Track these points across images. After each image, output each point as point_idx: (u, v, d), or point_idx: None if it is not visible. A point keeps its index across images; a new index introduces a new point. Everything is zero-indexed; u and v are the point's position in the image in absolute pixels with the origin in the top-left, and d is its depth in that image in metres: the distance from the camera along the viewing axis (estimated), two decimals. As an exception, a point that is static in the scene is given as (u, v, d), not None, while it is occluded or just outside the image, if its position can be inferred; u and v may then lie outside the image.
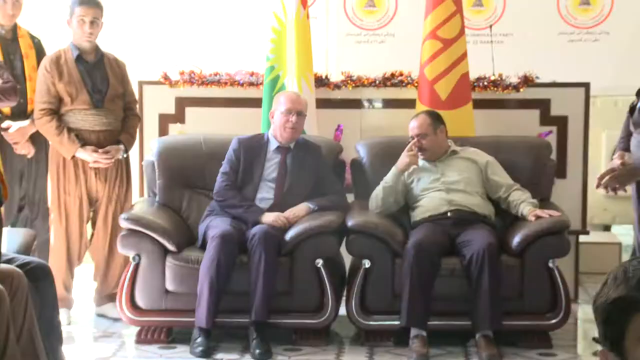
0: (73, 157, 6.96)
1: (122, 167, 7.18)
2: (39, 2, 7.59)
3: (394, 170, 6.72)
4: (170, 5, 8.96)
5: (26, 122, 7.01)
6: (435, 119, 6.87)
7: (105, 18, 7.17)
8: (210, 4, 8.94)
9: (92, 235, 7.27)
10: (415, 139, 6.73)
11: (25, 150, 7.07)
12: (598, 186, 5.26)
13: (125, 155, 7.15)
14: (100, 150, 6.97)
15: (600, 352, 2.01)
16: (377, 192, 6.77)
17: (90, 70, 7.04)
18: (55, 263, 6.56)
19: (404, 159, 6.64)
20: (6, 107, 6.85)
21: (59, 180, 7.05)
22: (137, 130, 7.31)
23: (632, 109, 5.22)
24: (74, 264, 7.15)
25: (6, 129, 6.86)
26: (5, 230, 4.86)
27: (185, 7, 8.95)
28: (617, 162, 5.15)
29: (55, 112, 6.94)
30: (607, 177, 5.17)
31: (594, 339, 6.42)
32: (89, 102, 6.98)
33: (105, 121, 7.03)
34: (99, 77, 7.06)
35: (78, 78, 6.97)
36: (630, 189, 5.26)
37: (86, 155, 6.94)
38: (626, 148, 5.24)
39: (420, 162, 6.88)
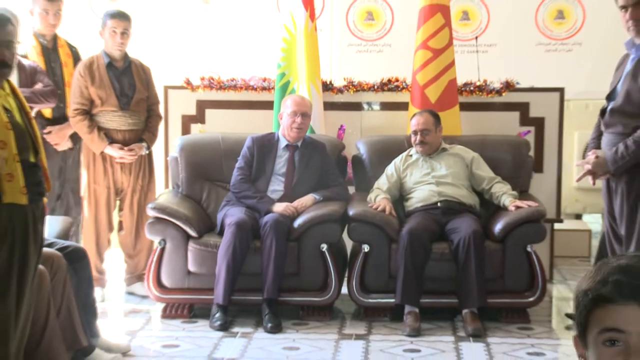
0: (102, 152, 6.98)
1: (145, 162, 7.19)
2: (76, 14, 7.59)
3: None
4: (192, 18, 8.96)
5: (65, 125, 7.03)
6: (437, 118, 6.88)
7: (136, 29, 7.18)
8: (227, 17, 8.94)
9: (120, 222, 7.29)
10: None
11: (65, 146, 7.10)
12: (580, 179, 5.25)
13: (147, 152, 7.16)
14: (125, 148, 6.99)
15: (573, 337, 1.98)
16: (375, 195, 6.80)
17: (119, 76, 7.04)
18: (86, 246, 6.57)
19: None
20: (47, 109, 6.86)
21: (90, 173, 7.08)
22: (159, 129, 7.29)
23: (603, 112, 5.20)
24: (104, 247, 7.17)
25: (48, 133, 6.88)
26: (46, 217, 4.86)
27: (206, 20, 8.96)
28: (591, 157, 5.13)
29: (87, 112, 6.95)
30: (584, 174, 5.18)
31: (567, 315, 6.44)
32: (117, 104, 6.99)
33: (130, 122, 7.03)
34: (126, 82, 7.06)
35: (108, 83, 6.97)
36: (601, 182, 5.25)
37: (113, 151, 6.96)
38: (597, 146, 5.22)
39: (413, 157, 6.90)
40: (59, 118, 7.04)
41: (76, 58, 7.24)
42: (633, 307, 1.83)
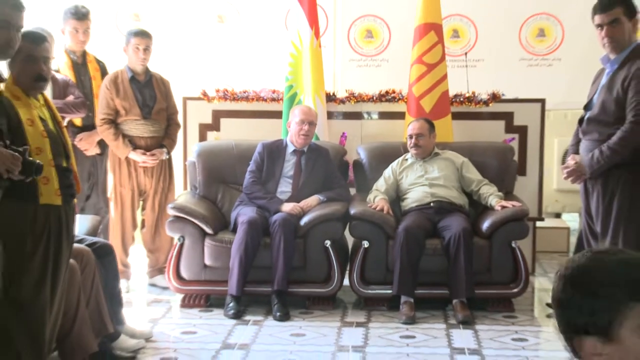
0: (126, 157, 7.00)
1: (166, 166, 7.19)
2: (103, 32, 7.61)
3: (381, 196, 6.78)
4: (208, 35, 8.96)
5: (93, 132, 7.05)
6: (431, 125, 6.90)
7: (157, 46, 7.19)
8: (240, 35, 8.94)
9: (143, 220, 7.31)
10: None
11: (93, 152, 7.12)
12: (566, 179, 5.26)
13: (167, 156, 7.16)
14: (147, 153, 7.00)
15: (575, 340, 1.90)
16: (373, 195, 6.80)
17: (141, 89, 7.05)
18: (112, 242, 6.58)
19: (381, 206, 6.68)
20: (77, 118, 6.87)
21: (116, 176, 7.09)
22: (178, 136, 7.29)
23: (581, 121, 5.21)
24: (128, 243, 7.17)
25: (79, 140, 6.90)
26: (76, 216, 4.87)
27: (221, 37, 8.96)
28: (571, 162, 5.14)
29: (113, 121, 6.96)
30: (567, 178, 5.19)
31: (547, 304, 6.44)
32: (140, 114, 7.00)
33: (152, 129, 7.04)
34: (148, 94, 7.06)
35: (131, 95, 6.98)
36: (578, 185, 5.26)
37: (136, 156, 6.98)
38: (576, 152, 5.23)
39: (409, 161, 6.91)
40: (88, 126, 7.05)
41: (103, 72, 7.25)
42: None
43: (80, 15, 7.02)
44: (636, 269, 1.88)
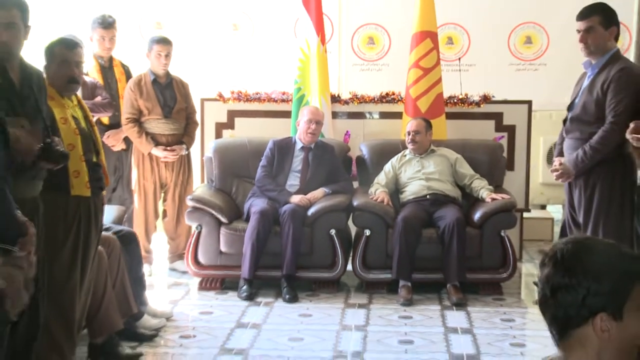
0: (149, 153, 7.01)
1: (185, 161, 7.18)
2: (128, 38, 7.61)
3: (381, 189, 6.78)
4: (224, 42, 8.95)
5: (119, 130, 7.07)
6: (428, 123, 6.90)
7: (177, 51, 7.20)
8: (253, 41, 8.93)
9: (164, 210, 7.32)
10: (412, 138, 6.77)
11: (119, 148, 7.13)
12: (557, 179, 5.25)
13: (186, 152, 7.15)
14: (168, 149, 7.00)
15: (598, 318, 1.88)
16: (375, 188, 6.80)
17: (162, 90, 7.05)
18: (136, 230, 6.59)
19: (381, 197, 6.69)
20: (105, 117, 6.88)
21: (140, 170, 7.09)
22: (196, 133, 7.28)
23: (565, 121, 5.21)
24: (151, 231, 7.17)
25: (107, 138, 6.92)
26: (104, 207, 4.89)
27: (235, 43, 8.95)
28: (557, 164, 5.14)
29: (137, 120, 6.96)
30: (557, 178, 5.19)
31: (534, 283, 6.45)
32: (161, 113, 7.00)
33: (172, 127, 7.04)
34: (168, 95, 7.06)
35: (153, 96, 6.99)
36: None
37: (158, 152, 6.98)
38: (561, 150, 5.23)
39: (407, 157, 6.90)
40: (115, 124, 7.05)
41: (128, 75, 7.26)
42: None
43: (107, 24, 7.02)
44: (626, 251, 1.91)
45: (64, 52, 4.56)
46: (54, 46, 4.59)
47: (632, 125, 4.67)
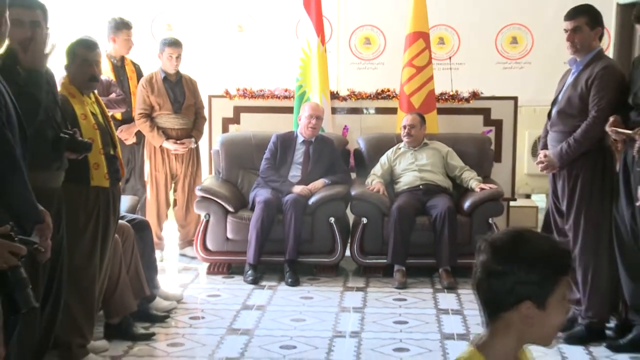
0: (160, 146, 6.99)
1: (194, 153, 7.18)
2: (140, 39, 7.58)
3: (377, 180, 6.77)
4: (230, 42, 8.93)
5: (132, 125, 7.05)
6: (422, 118, 6.90)
7: (186, 51, 7.19)
8: (257, 41, 8.91)
9: (174, 200, 7.31)
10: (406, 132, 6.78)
11: (132, 141, 7.12)
12: (542, 171, 5.24)
13: (195, 145, 7.15)
14: (178, 142, 6.99)
15: (524, 304, 1.92)
16: (371, 179, 6.79)
17: (172, 87, 7.04)
18: (148, 219, 6.59)
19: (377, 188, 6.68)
20: (118, 113, 6.86)
21: (152, 162, 7.09)
22: (204, 128, 7.27)
23: (549, 115, 5.19)
24: (162, 219, 7.17)
25: (120, 132, 6.90)
26: (121, 197, 4.89)
27: (241, 43, 8.93)
28: (542, 157, 5.12)
29: (149, 115, 6.96)
30: (542, 170, 5.17)
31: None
32: (171, 109, 6.99)
33: (182, 122, 7.03)
34: (178, 92, 7.05)
35: (164, 93, 6.98)
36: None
37: (169, 145, 6.98)
38: (546, 143, 5.21)
39: (401, 150, 6.89)
40: (127, 119, 7.04)
41: (139, 73, 7.24)
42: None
43: (130, 26, 7.11)
44: (557, 243, 1.96)
45: (85, 53, 4.57)
46: (75, 47, 4.60)
47: (611, 119, 4.69)
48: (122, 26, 7.04)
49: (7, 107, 3.07)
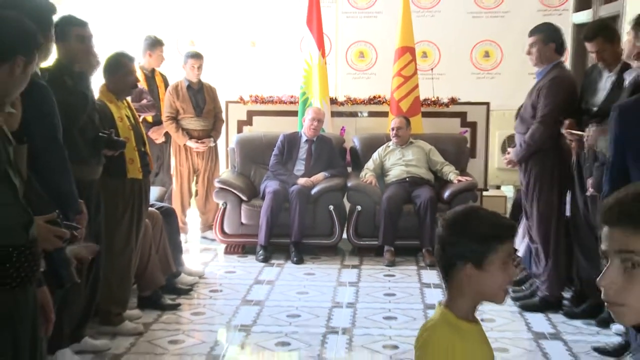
0: (184, 145, 7.01)
1: (213, 151, 7.17)
2: (167, 53, 7.60)
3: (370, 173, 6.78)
4: (244, 55, 8.91)
5: (160, 126, 7.06)
6: (407, 120, 6.91)
7: (207, 62, 7.21)
8: (267, 54, 8.90)
9: (196, 190, 7.33)
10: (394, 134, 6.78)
11: (160, 140, 7.13)
12: (507, 165, 5.27)
13: (214, 144, 7.16)
14: (199, 141, 7.01)
15: (463, 266, 2.01)
16: (364, 173, 6.81)
17: (195, 94, 7.04)
18: (174, 206, 6.59)
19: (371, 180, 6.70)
20: (149, 116, 6.88)
21: (177, 158, 7.09)
22: (222, 129, 7.27)
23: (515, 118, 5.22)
24: (186, 207, 7.18)
25: (151, 132, 6.92)
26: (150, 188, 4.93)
27: (253, 56, 8.92)
28: (507, 154, 5.15)
29: (174, 118, 6.96)
30: (507, 164, 5.20)
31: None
32: (194, 113, 6.99)
33: (203, 124, 7.03)
34: (200, 98, 7.05)
35: (187, 99, 6.98)
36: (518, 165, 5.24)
37: (191, 144, 6.99)
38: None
39: (390, 147, 6.89)
40: (157, 122, 7.03)
41: (166, 82, 7.24)
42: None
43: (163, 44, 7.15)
44: (500, 218, 2.04)
45: (129, 65, 4.61)
46: (120, 59, 4.59)
47: (567, 122, 4.70)
48: (157, 43, 7.06)
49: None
